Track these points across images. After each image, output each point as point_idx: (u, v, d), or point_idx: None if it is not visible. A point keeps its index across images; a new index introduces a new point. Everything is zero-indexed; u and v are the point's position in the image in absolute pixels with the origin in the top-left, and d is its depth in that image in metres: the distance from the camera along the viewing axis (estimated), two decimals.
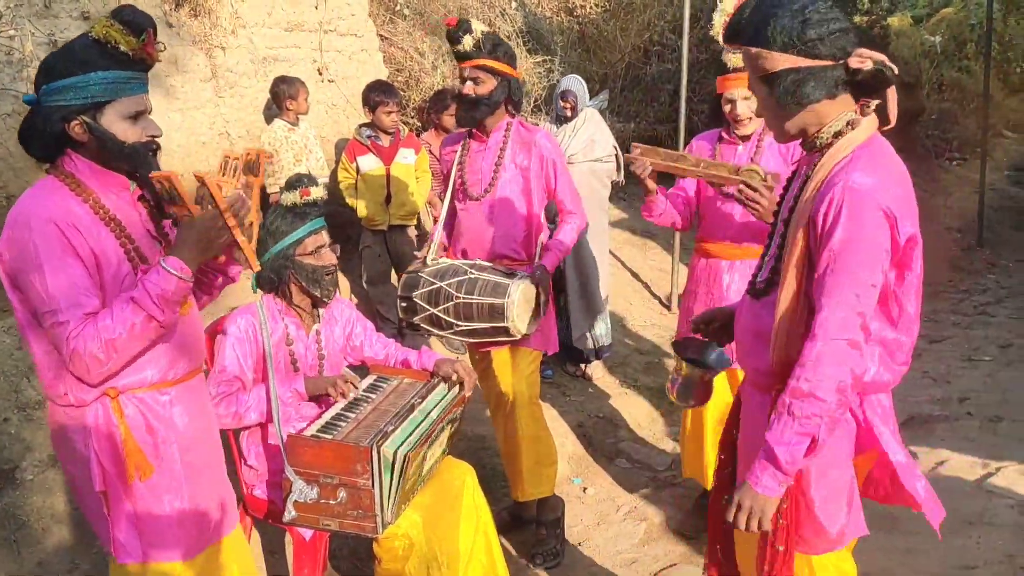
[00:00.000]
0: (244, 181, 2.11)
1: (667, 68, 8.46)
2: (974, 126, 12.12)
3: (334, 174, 5.02)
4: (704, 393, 2.37)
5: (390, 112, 4.75)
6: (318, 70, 5.42)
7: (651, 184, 3.20)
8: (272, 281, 2.83)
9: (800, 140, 1.95)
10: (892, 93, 1.86)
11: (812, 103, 1.83)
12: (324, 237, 2.85)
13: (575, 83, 5.24)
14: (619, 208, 7.54)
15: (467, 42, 3.23)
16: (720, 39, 2.17)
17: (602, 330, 5.16)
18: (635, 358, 5.63)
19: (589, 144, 5.06)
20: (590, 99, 5.43)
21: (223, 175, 2.10)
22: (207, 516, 2.21)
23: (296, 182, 2.83)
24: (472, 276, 3.18)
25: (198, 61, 4.72)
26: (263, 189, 4.56)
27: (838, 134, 1.86)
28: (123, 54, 1.95)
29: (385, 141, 4.81)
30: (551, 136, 3.49)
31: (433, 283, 3.22)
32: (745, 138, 3.32)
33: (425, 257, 3.42)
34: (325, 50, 5.46)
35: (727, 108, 3.28)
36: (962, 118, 13.00)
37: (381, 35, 6.21)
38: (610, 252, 5.91)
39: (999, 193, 11.52)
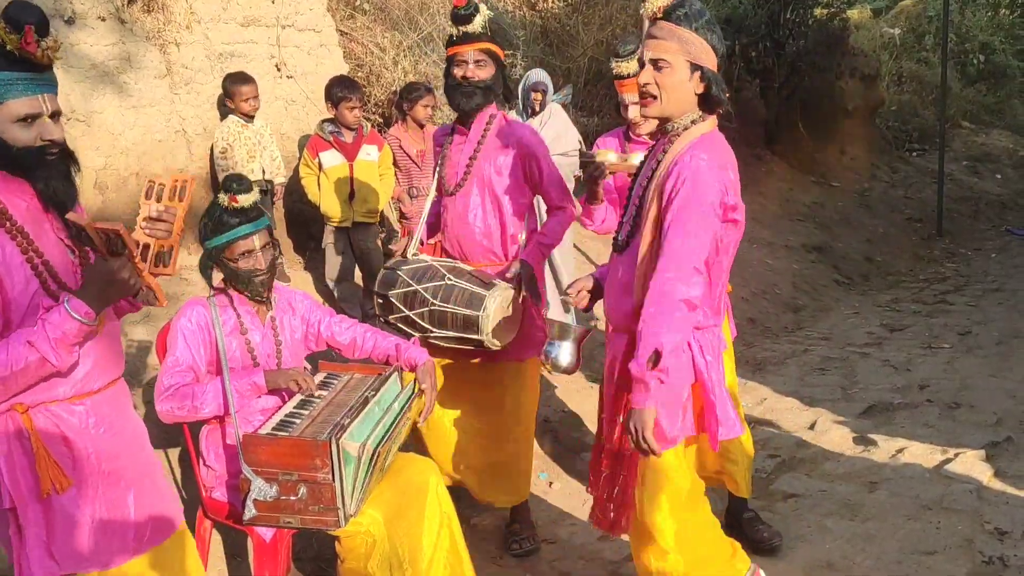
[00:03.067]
0: (165, 208, 2.03)
1: None
2: (933, 117, 12.30)
3: (296, 171, 4.96)
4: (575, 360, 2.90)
5: (353, 108, 4.70)
6: (276, 66, 5.34)
7: (601, 188, 3.05)
8: (211, 268, 2.82)
9: (658, 124, 2.40)
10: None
11: (715, 105, 2.30)
12: (254, 242, 2.74)
13: (545, 76, 5.25)
14: None
15: (477, 22, 3.07)
16: (652, 10, 2.24)
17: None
18: (600, 352, 5.61)
19: (556, 139, 5.05)
20: (554, 93, 5.44)
21: (148, 200, 2.03)
22: (139, 523, 2.15)
23: (228, 186, 2.74)
24: (449, 283, 3.05)
25: (152, 57, 4.63)
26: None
27: (689, 124, 2.32)
28: (9, 53, 1.85)
29: (348, 137, 4.76)
30: (534, 130, 3.37)
31: (410, 284, 3.11)
32: (652, 135, 3.25)
33: (405, 250, 3.33)
34: (283, 45, 5.38)
35: (624, 111, 3.29)
36: (921, 109, 13.19)
37: (340, 30, 6.14)
38: (575, 246, 5.91)
39: (958, 183, 11.71)
